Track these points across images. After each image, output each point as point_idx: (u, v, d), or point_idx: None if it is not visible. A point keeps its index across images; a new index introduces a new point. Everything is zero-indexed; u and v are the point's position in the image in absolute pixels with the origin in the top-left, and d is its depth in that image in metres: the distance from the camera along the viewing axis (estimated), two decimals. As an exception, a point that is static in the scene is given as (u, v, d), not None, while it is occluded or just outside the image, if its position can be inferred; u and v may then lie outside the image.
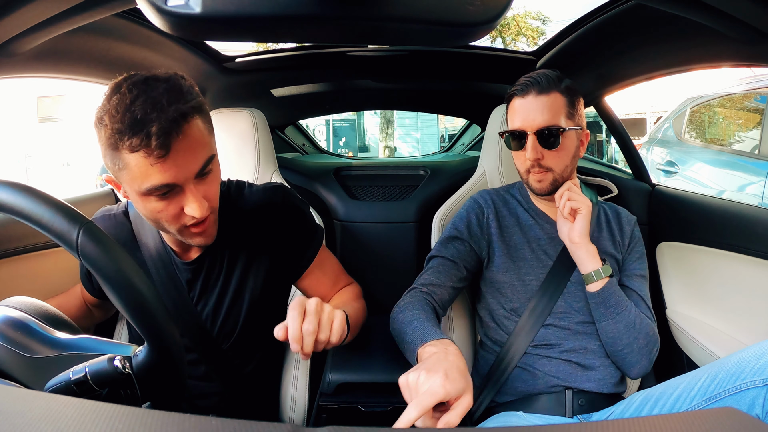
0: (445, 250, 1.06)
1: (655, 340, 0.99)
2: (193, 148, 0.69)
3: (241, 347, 0.91)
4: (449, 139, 6.19)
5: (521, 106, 1.01)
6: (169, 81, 0.68)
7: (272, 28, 0.45)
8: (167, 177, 0.67)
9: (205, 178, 0.73)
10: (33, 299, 0.63)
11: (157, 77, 0.68)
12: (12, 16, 0.66)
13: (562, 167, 1.01)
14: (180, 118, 0.66)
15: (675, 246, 1.28)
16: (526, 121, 0.99)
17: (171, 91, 0.67)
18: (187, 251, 0.88)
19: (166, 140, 0.65)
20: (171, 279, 0.86)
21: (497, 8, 0.42)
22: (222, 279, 0.88)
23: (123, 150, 0.66)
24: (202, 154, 0.71)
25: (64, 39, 0.83)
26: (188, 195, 0.71)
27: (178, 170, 0.68)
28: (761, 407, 0.74)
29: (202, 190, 0.73)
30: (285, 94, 1.74)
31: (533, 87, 0.99)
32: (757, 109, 3.12)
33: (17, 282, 1.05)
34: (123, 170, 0.68)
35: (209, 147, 0.73)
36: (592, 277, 0.96)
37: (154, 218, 0.74)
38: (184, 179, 0.70)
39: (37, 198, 0.50)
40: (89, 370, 0.52)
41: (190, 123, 0.68)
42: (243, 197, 0.92)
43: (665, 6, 0.78)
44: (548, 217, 1.08)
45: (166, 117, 0.65)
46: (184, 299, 0.87)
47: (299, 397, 1.00)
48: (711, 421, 0.31)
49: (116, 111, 0.65)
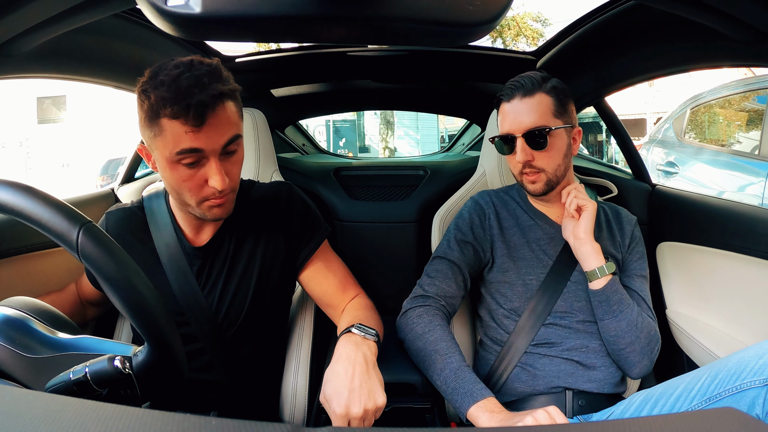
0: (452, 252, 1.06)
1: (657, 340, 0.99)
2: (223, 124, 0.77)
3: (244, 335, 0.93)
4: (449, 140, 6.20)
5: (508, 110, 1.02)
6: (212, 65, 0.77)
7: (272, 28, 0.45)
8: (198, 144, 0.75)
9: (229, 158, 0.80)
10: (33, 299, 0.63)
11: (201, 61, 0.77)
12: (12, 16, 0.66)
13: (554, 167, 1.01)
14: (217, 97, 0.75)
15: (675, 246, 1.28)
16: (513, 125, 1.01)
17: (212, 73, 0.75)
18: (198, 235, 0.92)
19: (203, 113, 0.73)
20: (181, 268, 0.90)
21: (497, 8, 0.42)
22: (228, 266, 0.92)
23: (163, 117, 0.74)
24: (231, 131, 0.78)
25: (64, 39, 0.83)
26: (213, 167, 0.77)
27: (208, 140, 0.76)
28: (761, 407, 0.74)
29: (225, 167, 0.79)
30: (285, 94, 1.74)
31: (518, 90, 1.01)
32: (757, 110, 3.13)
33: (17, 282, 1.05)
34: (158, 137, 0.76)
35: (237, 127, 0.80)
36: (595, 273, 0.96)
37: (179, 188, 0.80)
38: (211, 149, 0.77)
39: (37, 198, 0.50)
40: (89, 370, 0.52)
41: (224, 103, 0.77)
42: (251, 191, 0.98)
43: (665, 6, 0.78)
44: (547, 217, 1.08)
45: (206, 93, 0.73)
46: (193, 287, 0.90)
47: (299, 397, 1.00)
48: (711, 421, 0.31)
49: (162, 83, 0.73)
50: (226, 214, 0.84)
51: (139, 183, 1.47)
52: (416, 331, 0.95)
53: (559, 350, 0.98)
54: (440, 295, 1.01)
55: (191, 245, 0.92)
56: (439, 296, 1.00)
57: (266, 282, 0.94)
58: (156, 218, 0.94)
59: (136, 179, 1.51)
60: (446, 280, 1.02)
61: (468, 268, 1.05)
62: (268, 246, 0.93)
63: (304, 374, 1.01)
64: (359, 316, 0.92)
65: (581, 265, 0.99)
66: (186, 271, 0.90)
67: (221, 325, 0.91)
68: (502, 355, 1.01)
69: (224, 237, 0.93)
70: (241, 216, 0.93)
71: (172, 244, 0.91)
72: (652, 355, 0.98)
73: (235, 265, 0.92)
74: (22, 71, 0.91)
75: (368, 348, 0.82)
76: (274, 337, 1.01)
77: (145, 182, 1.47)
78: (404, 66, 1.58)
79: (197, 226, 0.92)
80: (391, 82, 1.72)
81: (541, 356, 0.99)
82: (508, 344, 1.01)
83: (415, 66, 1.58)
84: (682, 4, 0.72)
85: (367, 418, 0.74)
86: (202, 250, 0.92)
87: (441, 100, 2.03)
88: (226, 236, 0.93)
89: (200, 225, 0.92)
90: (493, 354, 1.04)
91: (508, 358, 1.00)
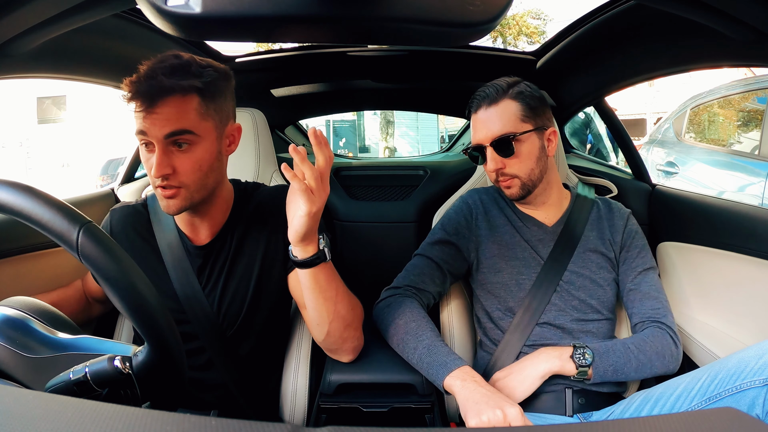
0: (431, 250, 1.08)
1: (670, 347, 0.96)
2: (172, 114, 0.79)
3: (244, 334, 0.93)
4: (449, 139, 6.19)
5: (476, 121, 1.04)
6: (182, 60, 0.81)
7: (272, 28, 0.45)
8: (143, 127, 0.79)
9: (180, 150, 0.82)
10: (33, 299, 0.63)
11: (177, 55, 0.82)
12: (12, 16, 0.66)
13: (527, 171, 1.02)
14: (172, 87, 0.78)
15: (675, 246, 1.28)
16: (480, 134, 1.03)
17: (179, 66, 0.80)
18: (196, 233, 0.93)
19: (153, 98, 0.78)
20: (183, 266, 0.91)
21: (497, 8, 0.42)
22: (228, 265, 0.92)
23: (129, 95, 0.79)
24: (178, 124, 0.80)
25: (64, 39, 0.83)
26: (155, 153, 0.81)
27: (152, 126, 0.79)
28: (761, 407, 0.74)
29: (173, 158, 0.81)
30: (285, 94, 1.74)
31: (484, 100, 1.03)
32: (756, 110, 3.13)
33: (17, 282, 1.05)
34: (133, 120, 0.80)
35: (190, 122, 0.81)
36: (585, 373, 0.92)
37: (146, 168, 0.84)
38: (154, 135, 0.80)
39: (37, 198, 0.50)
40: (89, 370, 0.52)
41: (183, 96, 0.79)
42: (255, 193, 0.99)
43: (665, 6, 0.78)
44: (534, 219, 1.09)
45: (162, 81, 0.78)
46: (194, 286, 0.91)
47: (299, 397, 1.00)
48: (711, 421, 0.31)
49: (138, 70, 0.79)
50: (171, 210, 0.84)
51: (139, 183, 1.47)
52: (387, 319, 0.97)
53: None
54: (410, 286, 1.03)
55: (193, 244, 0.93)
56: (409, 287, 1.03)
57: (267, 282, 0.94)
58: (159, 217, 0.95)
59: (136, 179, 1.51)
60: (420, 276, 1.04)
61: (448, 267, 1.07)
62: (269, 247, 0.94)
63: (304, 374, 1.01)
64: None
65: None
66: (187, 269, 0.91)
67: (221, 323, 0.91)
68: (498, 353, 1.01)
69: (226, 236, 0.93)
70: (242, 216, 0.94)
71: (175, 242, 0.92)
72: (674, 360, 0.97)
73: (235, 265, 0.93)
74: (22, 71, 0.91)
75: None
76: (274, 337, 1.01)
77: (145, 182, 1.47)
78: (404, 66, 1.58)
79: (191, 223, 0.92)
80: (391, 82, 1.72)
81: None
82: (504, 342, 1.01)
83: (414, 66, 1.58)
84: (682, 4, 0.72)
85: None
86: (204, 249, 0.92)
87: (441, 100, 2.03)
88: (228, 236, 0.93)
89: (194, 222, 0.92)
90: (490, 353, 1.04)
91: (504, 357, 1.00)
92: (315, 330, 0.89)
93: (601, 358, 0.92)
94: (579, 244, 1.05)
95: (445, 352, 0.89)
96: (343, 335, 0.89)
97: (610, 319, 1.04)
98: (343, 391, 0.93)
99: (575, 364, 0.91)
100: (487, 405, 0.77)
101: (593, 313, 1.01)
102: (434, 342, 0.91)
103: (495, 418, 0.75)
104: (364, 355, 0.96)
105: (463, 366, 0.86)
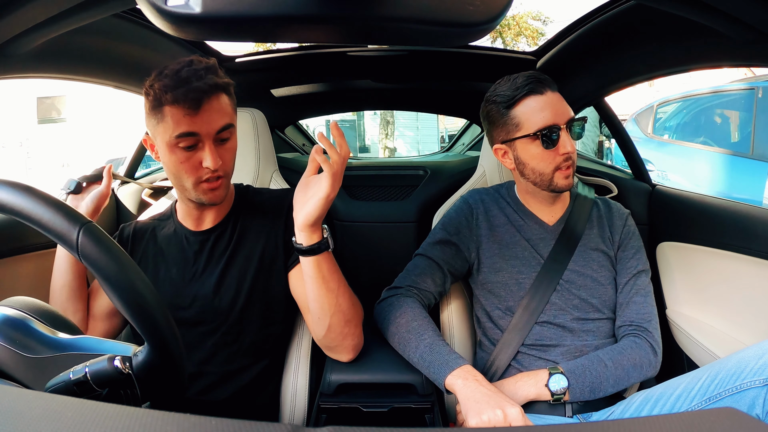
0: (432, 250, 1.07)
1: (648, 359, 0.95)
2: (217, 111, 0.85)
3: (243, 325, 0.94)
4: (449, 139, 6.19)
5: (546, 102, 0.97)
6: (209, 63, 0.87)
7: (272, 28, 0.45)
8: (194, 128, 0.83)
9: (223, 144, 0.88)
10: (33, 299, 0.63)
11: (200, 59, 0.87)
12: (12, 16, 0.66)
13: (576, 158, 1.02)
14: (213, 87, 0.84)
15: (675, 246, 1.28)
16: (557, 116, 0.97)
17: (209, 68, 0.85)
18: (198, 225, 0.97)
19: (199, 98, 0.82)
20: (181, 251, 0.96)
21: (497, 8, 0.42)
22: (230, 250, 0.95)
23: (165, 104, 0.82)
24: (224, 119, 0.87)
25: (64, 39, 0.83)
26: (207, 150, 0.85)
27: (203, 125, 0.84)
28: (761, 407, 0.74)
29: (219, 152, 0.87)
30: (285, 94, 1.74)
31: (546, 84, 1.00)
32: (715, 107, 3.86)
33: (17, 282, 1.05)
34: (160, 123, 0.84)
35: (230, 117, 0.89)
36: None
37: (177, 171, 0.87)
38: (206, 133, 0.85)
39: (37, 198, 0.50)
40: (89, 370, 0.52)
41: (219, 93, 0.86)
42: (257, 194, 1.04)
43: (665, 6, 0.78)
44: (536, 217, 1.08)
45: (203, 82, 0.83)
46: (193, 271, 0.94)
47: (299, 397, 1.00)
48: (711, 421, 0.31)
49: (165, 76, 0.83)
50: (220, 198, 0.91)
51: (138, 183, 1.47)
52: (388, 318, 0.97)
53: (555, 354, 0.98)
54: (411, 286, 1.03)
55: (191, 230, 0.97)
56: (410, 287, 1.03)
57: (266, 277, 0.94)
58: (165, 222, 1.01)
59: (136, 179, 1.51)
60: (421, 275, 1.04)
61: (448, 267, 1.06)
62: (269, 242, 0.96)
63: (304, 374, 1.01)
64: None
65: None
66: (186, 254, 0.95)
67: (221, 311, 0.93)
68: (496, 352, 1.01)
69: (227, 225, 0.97)
70: (244, 208, 0.99)
71: (173, 232, 0.97)
72: (652, 368, 0.96)
73: (236, 253, 0.95)
74: (22, 71, 0.91)
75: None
76: (274, 336, 1.01)
77: (145, 182, 1.47)
78: (404, 66, 1.58)
79: (197, 217, 0.96)
80: (391, 82, 1.72)
81: (537, 359, 0.99)
82: (502, 342, 1.01)
83: (414, 66, 1.58)
84: (682, 4, 0.72)
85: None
86: (203, 234, 0.96)
87: (441, 100, 2.03)
88: (229, 224, 0.97)
89: (200, 215, 0.96)
90: (489, 353, 1.04)
91: (503, 356, 1.00)
92: (316, 326, 0.89)
93: (577, 381, 0.91)
94: (580, 243, 1.05)
95: (446, 351, 0.89)
96: (343, 331, 0.89)
97: (610, 319, 1.03)
98: (343, 391, 0.93)
99: (550, 391, 0.91)
100: (487, 404, 0.77)
101: (594, 312, 1.01)
102: (436, 341, 0.91)
103: (495, 418, 0.75)
104: (364, 355, 0.96)
105: (464, 365, 0.86)
